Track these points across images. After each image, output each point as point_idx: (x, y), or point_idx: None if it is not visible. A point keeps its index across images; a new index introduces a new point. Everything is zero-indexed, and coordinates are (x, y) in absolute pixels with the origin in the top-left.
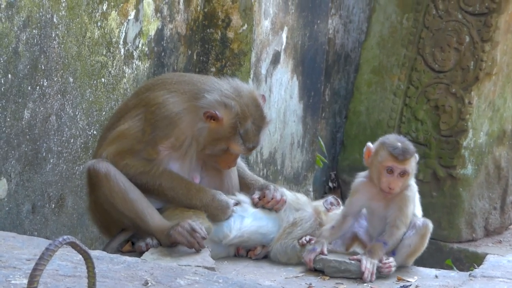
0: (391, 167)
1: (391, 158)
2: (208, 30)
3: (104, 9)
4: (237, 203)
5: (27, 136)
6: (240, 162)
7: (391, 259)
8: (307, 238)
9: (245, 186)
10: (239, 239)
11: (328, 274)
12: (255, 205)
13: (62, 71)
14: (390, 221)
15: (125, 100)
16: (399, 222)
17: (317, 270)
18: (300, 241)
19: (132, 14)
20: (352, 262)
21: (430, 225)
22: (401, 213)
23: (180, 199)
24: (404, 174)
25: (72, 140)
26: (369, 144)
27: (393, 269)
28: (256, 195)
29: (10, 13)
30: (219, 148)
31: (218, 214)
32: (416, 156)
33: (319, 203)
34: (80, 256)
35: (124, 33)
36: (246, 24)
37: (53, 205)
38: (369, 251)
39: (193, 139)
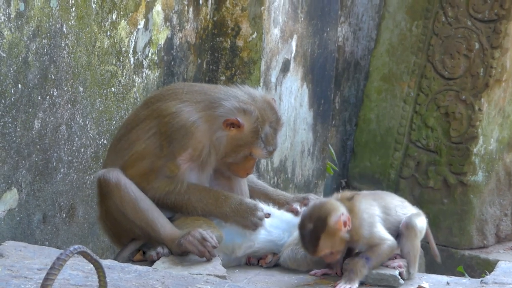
0: None
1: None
2: (217, 38)
3: (114, 19)
4: (268, 215)
5: (38, 146)
6: (252, 177)
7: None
8: None
9: (271, 201)
10: (250, 251)
11: None
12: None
13: (72, 80)
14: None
15: (134, 110)
16: (375, 240)
17: (327, 279)
18: None
19: (141, 23)
20: None
21: (413, 222)
22: (367, 241)
23: (210, 208)
24: (327, 255)
25: (82, 150)
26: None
27: (404, 269)
28: (296, 205)
29: (19, 23)
30: (242, 155)
31: (247, 216)
32: (330, 229)
33: None
34: (91, 265)
35: (133, 42)
36: (255, 33)
37: (64, 215)
38: (351, 270)
39: (210, 149)
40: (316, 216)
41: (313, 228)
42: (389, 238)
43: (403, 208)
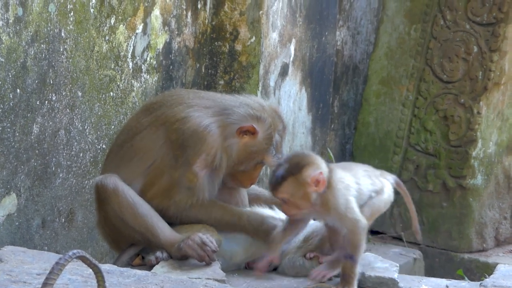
0: None
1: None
2: (216, 43)
3: (112, 23)
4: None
5: (36, 151)
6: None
7: None
8: (311, 254)
9: (272, 205)
10: (249, 258)
11: None
12: None
13: (70, 85)
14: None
15: (134, 115)
16: (347, 221)
17: (327, 283)
18: (307, 255)
19: (140, 28)
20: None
21: (359, 224)
22: (339, 217)
23: (232, 227)
24: (284, 201)
25: (81, 154)
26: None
27: None
28: None
29: (18, 28)
30: (254, 163)
31: (266, 239)
32: (300, 176)
33: None
34: (90, 270)
35: (132, 47)
36: (254, 37)
37: (63, 220)
38: (343, 276)
39: (222, 156)
40: (296, 161)
41: (286, 169)
42: (361, 219)
43: (369, 179)
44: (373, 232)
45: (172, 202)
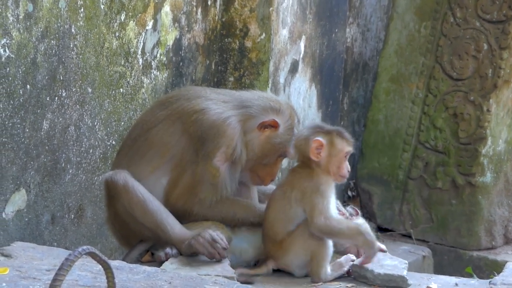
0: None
1: (349, 144)
2: (226, 39)
3: (122, 19)
4: None
5: (46, 147)
6: None
7: None
8: None
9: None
10: (259, 256)
11: None
12: None
13: (80, 81)
14: None
15: (148, 110)
16: None
17: (336, 280)
18: None
19: (150, 24)
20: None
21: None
22: None
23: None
24: None
25: (91, 151)
26: (319, 138)
27: None
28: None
29: (28, 24)
30: (276, 156)
31: None
32: None
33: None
34: (100, 266)
35: (142, 43)
36: (264, 33)
37: (73, 216)
38: None
39: (242, 150)
40: None
41: None
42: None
43: None
44: (382, 229)
45: (197, 200)
